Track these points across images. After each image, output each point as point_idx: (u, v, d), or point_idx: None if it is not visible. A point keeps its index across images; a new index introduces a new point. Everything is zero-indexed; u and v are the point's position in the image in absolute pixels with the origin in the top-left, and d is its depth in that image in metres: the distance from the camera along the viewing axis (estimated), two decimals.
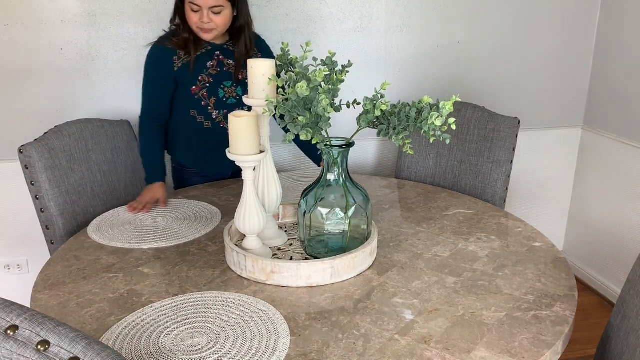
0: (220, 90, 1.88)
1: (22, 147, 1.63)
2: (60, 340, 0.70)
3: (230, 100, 1.89)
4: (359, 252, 1.31)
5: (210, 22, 1.75)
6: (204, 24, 1.76)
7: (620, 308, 1.22)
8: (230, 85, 1.89)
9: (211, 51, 1.86)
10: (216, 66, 1.86)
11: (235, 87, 1.89)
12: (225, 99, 1.89)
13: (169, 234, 1.55)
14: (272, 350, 1.03)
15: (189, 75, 1.84)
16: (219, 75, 1.87)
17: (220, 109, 1.89)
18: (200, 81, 1.85)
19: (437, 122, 1.15)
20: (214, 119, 1.90)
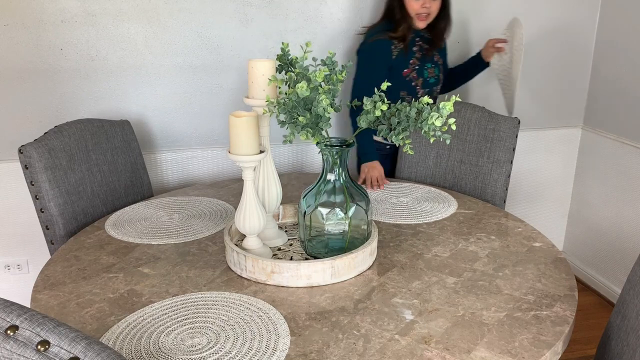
0: (425, 71, 2.12)
1: (22, 147, 1.63)
2: (60, 340, 0.70)
3: (431, 80, 2.14)
4: (359, 252, 1.31)
5: (430, 7, 2.00)
6: (424, 9, 1.99)
7: (620, 308, 1.22)
8: (430, 66, 2.14)
9: (414, 38, 2.11)
10: (419, 50, 2.11)
11: (434, 68, 2.15)
12: (428, 79, 2.13)
13: (187, 231, 1.55)
14: (272, 350, 1.03)
15: (404, 60, 2.08)
16: (423, 58, 2.12)
17: (425, 87, 2.14)
18: (411, 64, 2.09)
19: (437, 122, 1.15)
20: (419, 97, 2.10)
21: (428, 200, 1.82)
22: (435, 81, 2.17)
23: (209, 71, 2.21)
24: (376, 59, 2.08)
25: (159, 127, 2.24)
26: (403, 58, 2.08)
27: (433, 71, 2.15)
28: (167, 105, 2.21)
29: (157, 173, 2.27)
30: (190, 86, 2.21)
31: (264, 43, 2.23)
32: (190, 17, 2.13)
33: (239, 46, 2.21)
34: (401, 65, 2.08)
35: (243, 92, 2.25)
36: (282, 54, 1.40)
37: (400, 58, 2.08)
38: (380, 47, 2.06)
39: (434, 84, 2.16)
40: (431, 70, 2.14)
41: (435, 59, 2.16)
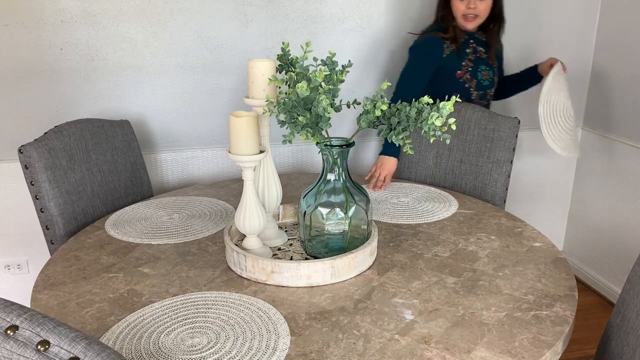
0: (479, 73, 2.11)
1: (22, 147, 1.63)
2: (60, 340, 0.70)
3: (485, 82, 2.13)
4: (359, 252, 1.31)
5: (475, 8, 1.99)
6: (470, 10, 1.99)
7: (620, 308, 1.22)
8: (484, 69, 2.12)
9: (467, 40, 2.11)
10: (473, 53, 2.11)
11: (488, 71, 2.13)
12: (482, 81, 2.13)
13: (187, 231, 1.55)
14: (272, 350, 1.03)
15: (456, 61, 2.08)
16: (476, 60, 2.11)
17: (478, 90, 2.14)
18: (464, 66, 2.09)
19: (437, 122, 1.15)
20: (472, 99, 2.14)
21: (428, 200, 1.82)
22: (490, 84, 2.16)
23: (209, 71, 2.21)
24: (425, 56, 2.10)
25: (159, 127, 2.24)
26: (455, 59, 2.08)
27: (487, 74, 2.13)
28: (167, 105, 2.22)
29: (157, 173, 2.27)
30: (190, 86, 2.21)
31: (264, 43, 2.23)
32: (190, 17, 2.13)
33: (239, 46, 2.21)
34: (453, 66, 2.09)
35: (243, 92, 2.25)
36: (282, 54, 1.40)
37: (452, 59, 2.08)
38: (431, 45, 2.08)
39: (488, 87, 2.16)
40: (485, 73, 2.13)
41: (490, 62, 2.15)
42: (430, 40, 2.09)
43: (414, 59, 2.12)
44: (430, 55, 2.09)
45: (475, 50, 2.11)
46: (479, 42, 2.13)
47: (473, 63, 2.11)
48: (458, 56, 2.08)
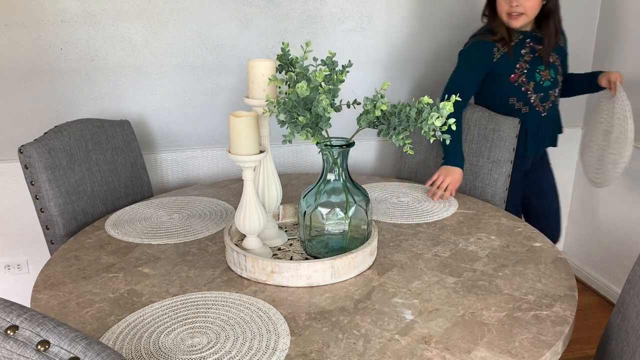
0: (536, 75, 1.98)
1: (22, 147, 1.63)
2: (60, 340, 0.70)
3: (545, 83, 1.99)
4: (359, 252, 1.31)
5: (519, 6, 1.86)
6: (513, 8, 1.87)
7: (620, 308, 1.22)
8: (543, 69, 1.98)
9: (523, 40, 1.97)
10: (529, 53, 1.97)
11: (548, 70, 1.99)
12: (541, 82, 1.99)
13: (187, 231, 1.55)
14: (272, 350, 1.03)
15: (508, 65, 1.96)
16: (532, 61, 1.97)
17: (538, 92, 1.99)
18: (518, 69, 1.97)
19: (437, 123, 1.15)
20: (532, 103, 2.00)
21: (428, 200, 1.82)
22: (552, 84, 2.00)
23: (209, 71, 2.21)
24: (473, 62, 1.99)
25: (159, 127, 2.24)
26: (507, 62, 1.96)
27: (547, 73, 1.99)
28: (167, 105, 2.21)
29: (157, 173, 2.27)
30: (190, 86, 2.21)
31: (264, 43, 2.23)
32: (190, 17, 2.13)
33: (239, 46, 2.21)
34: (506, 70, 1.97)
35: (243, 92, 2.25)
36: (282, 54, 1.40)
37: (504, 62, 1.96)
38: (479, 49, 1.98)
39: (550, 87, 2.00)
40: (545, 73, 1.98)
41: (551, 60, 1.99)
42: (478, 44, 1.98)
43: (461, 64, 2.01)
44: (479, 61, 1.98)
45: (532, 50, 1.97)
46: (537, 40, 1.98)
47: (529, 64, 1.97)
48: (511, 59, 1.95)
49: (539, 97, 1.99)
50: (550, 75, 1.99)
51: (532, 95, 1.99)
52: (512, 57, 1.95)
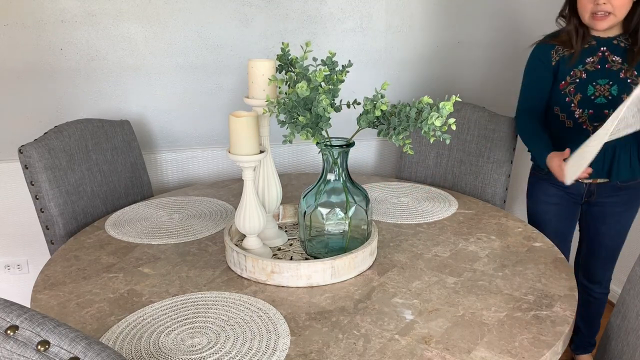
0: (590, 87, 1.70)
1: (22, 147, 1.63)
2: (60, 340, 0.70)
3: (599, 100, 1.70)
4: (359, 252, 1.31)
5: (607, 4, 1.59)
6: (599, 6, 1.60)
7: (620, 308, 1.22)
8: (604, 83, 1.69)
9: (595, 47, 1.71)
10: (597, 62, 1.70)
11: (610, 86, 1.68)
12: (593, 97, 1.70)
13: (187, 231, 1.55)
14: (272, 350, 1.03)
15: (565, 70, 1.74)
16: (596, 72, 1.70)
17: (585, 107, 1.71)
18: (571, 76, 1.72)
19: (437, 122, 1.15)
20: (576, 118, 1.74)
21: (428, 200, 1.82)
22: (609, 103, 1.70)
23: (209, 71, 2.21)
24: (532, 64, 1.82)
25: (159, 127, 2.24)
26: (565, 67, 1.73)
27: (606, 89, 1.68)
28: (167, 105, 2.21)
29: (157, 173, 2.27)
30: (190, 86, 2.21)
31: (264, 43, 2.23)
32: (190, 17, 2.13)
33: (239, 46, 2.21)
34: (561, 76, 1.75)
35: (243, 92, 2.25)
36: (282, 54, 1.40)
37: (562, 67, 1.74)
38: (537, 52, 1.80)
39: (606, 107, 1.69)
40: (603, 88, 1.68)
41: (621, 75, 1.68)
42: (537, 48, 1.81)
43: (526, 66, 1.85)
44: (536, 66, 1.79)
45: (603, 60, 1.68)
46: (617, 50, 1.69)
47: (587, 74, 1.69)
48: (569, 64, 1.72)
49: (586, 114, 1.71)
50: (610, 92, 1.68)
51: (577, 110, 1.72)
52: (572, 62, 1.71)
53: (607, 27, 1.64)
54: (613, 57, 1.68)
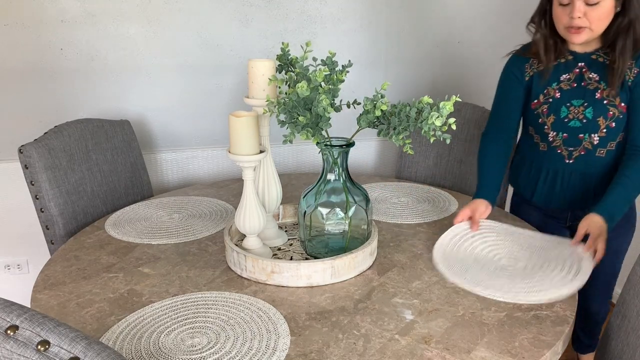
0: (563, 109, 1.53)
1: (22, 147, 1.63)
2: (60, 340, 0.70)
3: (572, 123, 1.52)
4: (359, 252, 1.31)
5: (582, 19, 1.40)
6: (573, 20, 1.41)
7: (620, 308, 1.22)
8: (579, 104, 1.51)
9: (572, 62, 1.53)
10: (573, 80, 1.52)
11: (585, 107, 1.50)
12: (566, 120, 1.53)
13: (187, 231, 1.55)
14: (272, 350, 1.03)
15: (538, 87, 1.57)
16: (572, 91, 1.52)
17: (559, 130, 1.55)
18: (545, 94, 1.55)
19: (437, 122, 1.15)
20: (550, 141, 1.58)
21: (428, 200, 1.82)
22: (584, 127, 1.51)
23: (209, 71, 2.21)
24: (504, 78, 1.66)
25: (159, 127, 2.23)
26: (538, 84, 1.57)
27: (580, 111, 1.51)
28: (167, 105, 2.21)
29: (157, 173, 2.27)
30: (190, 86, 2.21)
31: (264, 43, 2.23)
32: (190, 17, 2.13)
33: (239, 46, 2.21)
34: (534, 92, 1.58)
35: (243, 92, 2.25)
36: (282, 54, 1.40)
37: (535, 84, 1.57)
38: (511, 64, 1.64)
39: (581, 131, 1.51)
40: (577, 110, 1.51)
41: (597, 95, 1.49)
42: (510, 61, 1.65)
43: (499, 80, 1.70)
44: (510, 79, 1.63)
45: (580, 77, 1.51)
46: (595, 66, 1.50)
47: (562, 93, 1.52)
48: (543, 81, 1.56)
49: (560, 137, 1.55)
50: (585, 114, 1.50)
51: (550, 132, 1.57)
52: (545, 79, 1.55)
53: (583, 41, 1.46)
54: (590, 74, 1.50)
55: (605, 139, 1.51)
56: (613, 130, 1.50)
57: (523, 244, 1.44)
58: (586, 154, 1.53)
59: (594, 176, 1.56)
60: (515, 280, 1.27)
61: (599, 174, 1.55)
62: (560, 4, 1.44)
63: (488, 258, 1.38)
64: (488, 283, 1.26)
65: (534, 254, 1.39)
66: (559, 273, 1.28)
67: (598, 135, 1.50)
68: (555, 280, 1.26)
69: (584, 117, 1.51)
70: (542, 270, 1.31)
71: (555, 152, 1.58)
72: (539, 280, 1.27)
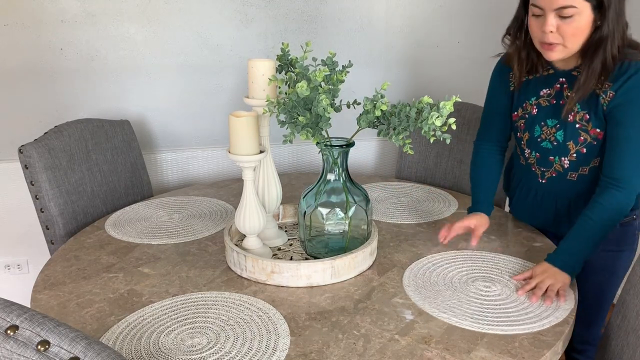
0: (537, 128, 1.44)
1: (22, 147, 1.63)
2: (60, 340, 0.70)
3: (544, 144, 1.44)
4: (359, 252, 1.31)
5: (554, 34, 1.27)
6: (545, 35, 1.28)
7: (620, 308, 1.22)
8: (552, 125, 1.41)
9: (553, 76, 1.41)
10: (552, 96, 1.41)
11: (556, 129, 1.40)
12: (539, 140, 1.45)
13: (187, 231, 1.55)
14: (272, 350, 1.03)
15: (518, 99, 1.49)
16: (548, 108, 1.42)
17: (532, 149, 1.48)
18: (523, 108, 1.47)
19: (437, 122, 1.15)
20: (526, 157, 1.51)
21: (428, 200, 1.82)
22: (554, 150, 1.43)
23: (209, 71, 2.21)
24: (493, 84, 1.58)
25: (159, 127, 2.23)
26: (519, 96, 1.49)
27: (552, 133, 1.41)
28: (167, 105, 2.21)
29: (157, 173, 2.27)
30: (190, 86, 2.21)
31: (264, 43, 2.23)
32: (190, 17, 2.13)
33: (239, 46, 2.21)
34: (515, 104, 1.51)
35: (243, 92, 2.25)
36: (282, 54, 1.40)
37: (516, 95, 1.50)
38: (497, 73, 1.57)
39: (552, 153, 1.43)
40: (549, 131, 1.42)
41: (570, 119, 1.37)
42: (496, 68, 1.57)
43: (488, 86, 1.61)
44: (496, 86, 1.56)
45: (558, 95, 1.40)
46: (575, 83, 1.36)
47: (539, 110, 1.44)
48: (520, 93, 1.48)
49: (534, 156, 1.48)
50: (555, 137, 1.41)
51: (526, 149, 1.50)
52: (526, 91, 1.47)
53: (557, 58, 1.33)
54: (569, 92, 1.37)
55: (575, 163, 1.40)
56: (584, 155, 1.38)
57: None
58: (557, 176, 1.45)
59: (566, 199, 1.47)
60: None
61: (571, 197, 1.46)
62: (534, 14, 1.30)
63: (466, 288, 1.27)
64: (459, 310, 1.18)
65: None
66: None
67: (568, 159, 1.41)
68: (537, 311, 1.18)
69: (555, 140, 1.41)
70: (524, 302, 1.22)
71: (530, 169, 1.52)
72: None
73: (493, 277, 1.31)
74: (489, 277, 1.31)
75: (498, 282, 1.29)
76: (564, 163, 1.42)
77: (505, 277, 1.32)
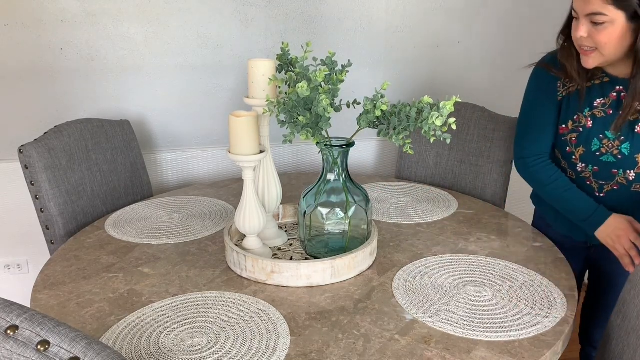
0: (595, 141, 1.34)
1: (22, 147, 1.63)
2: (60, 340, 0.70)
3: (605, 157, 1.34)
4: (359, 252, 1.31)
5: (587, 39, 1.22)
6: (580, 40, 1.24)
7: (621, 308, 1.22)
8: (612, 137, 1.32)
9: (609, 84, 1.32)
10: (609, 106, 1.32)
11: (620, 142, 1.31)
12: (598, 154, 1.35)
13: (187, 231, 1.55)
14: (272, 350, 1.03)
15: (567, 111, 1.38)
16: (606, 120, 1.32)
17: (589, 163, 1.37)
18: (574, 121, 1.36)
19: (438, 122, 1.15)
20: (578, 171, 1.41)
21: (428, 200, 1.82)
22: (619, 163, 1.33)
23: (209, 71, 2.21)
24: (535, 97, 1.46)
25: (159, 127, 2.23)
26: (568, 106, 1.38)
27: (616, 145, 1.32)
28: (167, 105, 2.21)
29: (157, 173, 2.27)
30: (190, 86, 2.21)
31: (264, 43, 2.23)
32: (190, 17, 2.13)
33: (239, 46, 2.21)
34: (564, 117, 1.40)
35: (243, 92, 2.25)
36: (282, 54, 1.40)
37: (566, 105, 1.39)
38: (540, 81, 1.44)
39: (615, 166, 1.34)
40: (611, 144, 1.32)
41: (637, 129, 1.29)
42: (538, 72, 1.45)
43: (527, 89, 1.49)
44: (541, 98, 1.44)
45: (616, 104, 1.31)
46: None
47: (594, 122, 1.33)
48: (577, 102, 1.36)
49: (590, 170, 1.38)
50: (620, 150, 1.31)
51: (579, 163, 1.40)
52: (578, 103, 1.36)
53: (594, 65, 1.27)
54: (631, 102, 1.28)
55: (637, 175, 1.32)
56: None
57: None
58: (619, 189, 1.36)
59: (628, 212, 1.37)
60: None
61: (634, 210, 1.37)
62: (573, 17, 1.25)
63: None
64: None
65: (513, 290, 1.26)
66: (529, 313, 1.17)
67: (635, 171, 1.32)
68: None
69: (619, 153, 1.31)
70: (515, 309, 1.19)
71: (584, 182, 1.41)
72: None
73: (485, 282, 1.31)
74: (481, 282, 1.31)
75: (489, 287, 1.29)
76: (629, 176, 1.34)
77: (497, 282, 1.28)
